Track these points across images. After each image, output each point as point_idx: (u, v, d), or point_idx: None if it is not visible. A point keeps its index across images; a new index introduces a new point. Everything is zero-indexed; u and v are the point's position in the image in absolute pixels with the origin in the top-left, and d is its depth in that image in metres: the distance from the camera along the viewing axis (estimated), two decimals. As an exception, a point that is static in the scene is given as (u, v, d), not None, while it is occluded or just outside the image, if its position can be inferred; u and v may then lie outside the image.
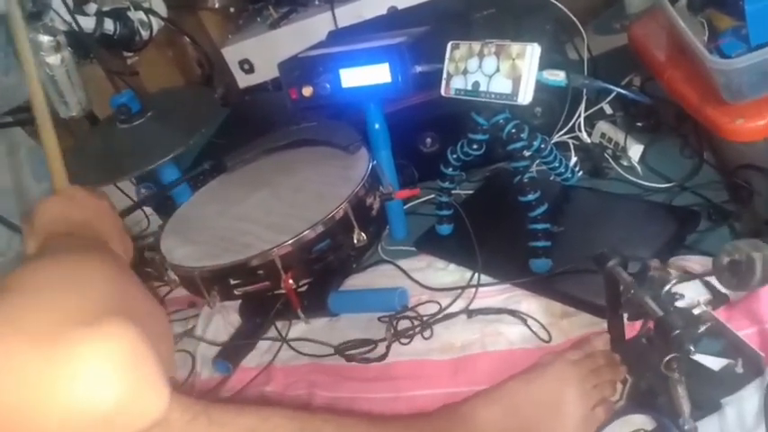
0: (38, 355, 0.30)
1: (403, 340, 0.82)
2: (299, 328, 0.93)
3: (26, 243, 0.56)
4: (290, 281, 0.81)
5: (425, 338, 0.82)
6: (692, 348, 0.54)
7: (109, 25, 1.17)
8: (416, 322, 0.83)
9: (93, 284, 0.38)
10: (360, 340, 0.84)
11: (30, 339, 0.31)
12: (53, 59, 1.05)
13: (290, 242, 0.80)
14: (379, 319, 0.87)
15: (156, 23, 1.27)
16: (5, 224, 1.11)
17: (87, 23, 1.13)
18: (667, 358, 0.54)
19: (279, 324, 0.93)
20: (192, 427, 0.35)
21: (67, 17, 1.06)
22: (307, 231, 0.80)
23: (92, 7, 1.17)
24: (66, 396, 0.30)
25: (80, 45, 1.11)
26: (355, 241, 0.85)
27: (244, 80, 1.44)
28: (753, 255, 0.57)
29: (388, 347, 0.81)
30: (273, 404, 0.82)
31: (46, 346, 0.31)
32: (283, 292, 0.84)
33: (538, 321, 0.78)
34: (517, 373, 0.62)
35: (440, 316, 0.83)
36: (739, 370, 0.61)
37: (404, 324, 0.84)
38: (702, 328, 0.55)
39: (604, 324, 0.72)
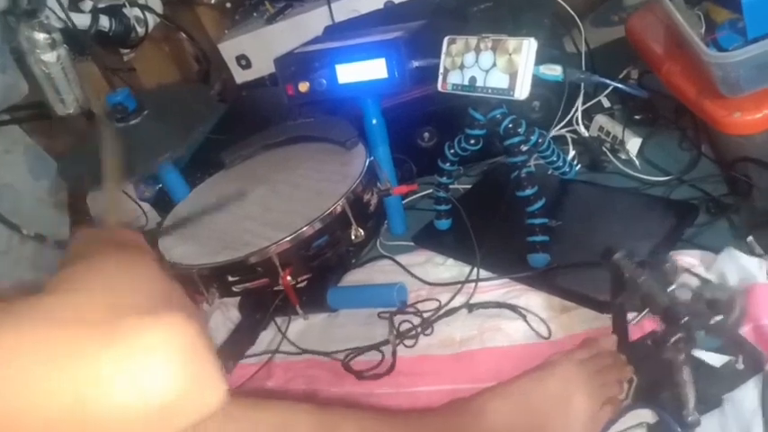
0: (102, 344, 0.30)
1: (407, 342, 0.82)
2: (298, 324, 0.93)
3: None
4: (289, 277, 0.81)
5: (426, 335, 0.82)
6: (700, 333, 0.54)
7: (104, 22, 1.17)
8: (417, 321, 0.83)
9: (146, 281, 0.37)
10: (364, 347, 0.83)
11: (93, 328, 0.30)
12: (49, 57, 1.04)
13: (287, 239, 0.80)
14: (378, 314, 0.87)
15: (152, 19, 1.27)
16: (4, 223, 1.11)
17: (83, 20, 1.12)
18: (674, 338, 0.54)
19: (279, 320, 0.93)
20: (207, 422, 0.35)
21: (63, 14, 1.06)
22: (304, 228, 0.80)
23: (87, 4, 1.17)
24: (129, 385, 0.30)
25: (76, 42, 1.11)
26: (353, 237, 0.85)
27: (241, 75, 1.44)
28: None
29: (393, 354, 0.81)
30: (279, 399, 0.82)
31: (108, 334, 0.30)
32: (282, 288, 0.84)
33: (537, 316, 0.78)
34: (527, 370, 0.62)
35: (441, 312, 0.84)
36: (740, 366, 0.61)
37: (404, 323, 0.84)
38: (712, 320, 0.55)
39: (604, 319, 0.72)
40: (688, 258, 0.75)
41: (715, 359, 0.62)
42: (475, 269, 0.86)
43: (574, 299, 0.78)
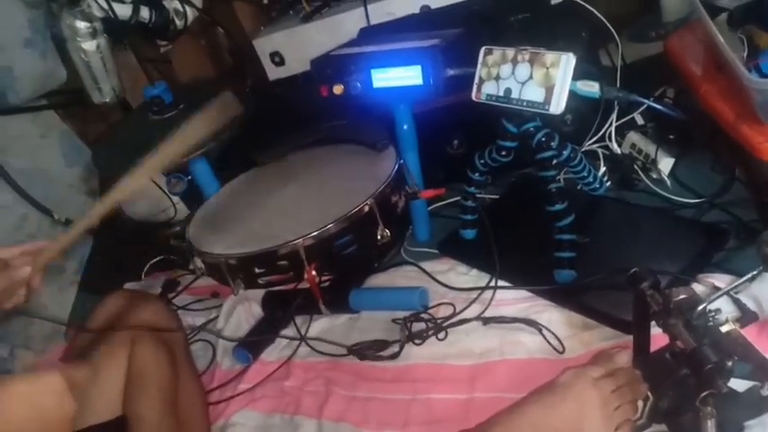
0: None
1: (417, 340, 0.83)
2: (319, 325, 0.93)
3: None
4: (314, 272, 0.81)
5: (440, 340, 0.83)
6: (724, 384, 0.53)
7: (144, 13, 1.18)
8: (431, 324, 0.84)
9: None
10: (373, 341, 0.85)
11: None
12: (89, 45, 1.06)
13: (314, 234, 0.80)
14: (393, 320, 0.87)
15: (191, 13, 1.28)
16: (36, 206, 1.13)
17: (123, 11, 1.14)
18: (704, 394, 0.53)
19: (300, 319, 0.94)
20: None
21: (104, 4, 1.08)
22: (331, 224, 0.80)
23: (129, -5, 1.18)
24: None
25: (116, 32, 1.12)
26: (379, 237, 0.84)
27: (274, 72, 1.44)
28: None
29: (401, 347, 0.82)
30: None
31: None
32: (306, 287, 0.85)
33: (558, 332, 0.78)
34: (536, 390, 0.59)
35: (455, 320, 0.84)
36: (765, 393, 0.60)
37: (420, 326, 0.85)
38: (731, 363, 0.54)
39: (625, 338, 0.71)
40: (717, 283, 0.75)
41: (739, 384, 0.60)
42: (494, 279, 0.86)
43: (597, 317, 0.78)
